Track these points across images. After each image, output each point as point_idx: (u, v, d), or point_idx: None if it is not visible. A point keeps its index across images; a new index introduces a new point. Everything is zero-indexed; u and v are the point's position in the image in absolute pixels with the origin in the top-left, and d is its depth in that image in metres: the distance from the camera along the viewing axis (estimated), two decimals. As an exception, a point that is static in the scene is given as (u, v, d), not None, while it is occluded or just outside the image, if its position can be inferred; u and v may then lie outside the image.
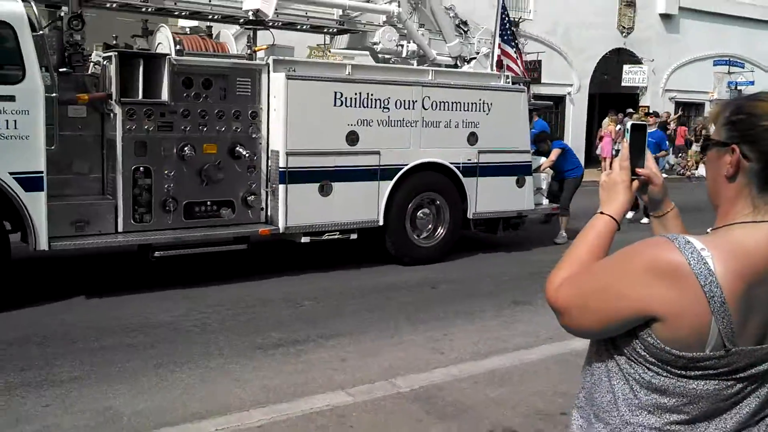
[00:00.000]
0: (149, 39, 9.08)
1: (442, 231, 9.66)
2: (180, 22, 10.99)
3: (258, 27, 9.12)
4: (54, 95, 7.15)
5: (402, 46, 10.20)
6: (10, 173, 6.89)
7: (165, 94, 7.77)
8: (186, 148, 7.86)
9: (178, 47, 8.20)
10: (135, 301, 7.48)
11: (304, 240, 8.54)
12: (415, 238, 9.49)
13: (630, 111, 16.12)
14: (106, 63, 7.81)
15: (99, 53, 8.18)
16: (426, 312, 7.43)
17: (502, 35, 11.17)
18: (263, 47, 8.95)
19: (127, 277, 8.38)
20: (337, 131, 8.62)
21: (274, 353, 6.11)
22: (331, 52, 10.00)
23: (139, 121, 7.66)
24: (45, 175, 7.10)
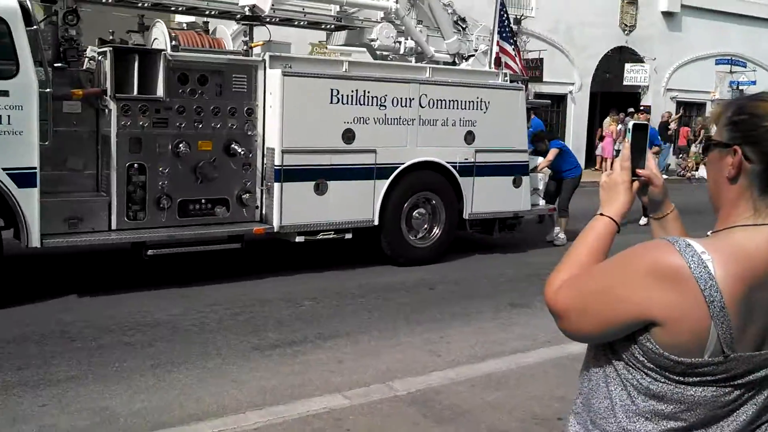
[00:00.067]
0: (145, 34, 9.03)
1: (437, 231, 9.58)
2: (177, 17, 10.94)
3: (254, 23, 9.07)
4: (48, 90, 7.12)
5: (399, 42, 10.11)
6: (2, 169, 6.86)
7: (160, 90, 7.72)
8: (181, 145, 7.81)
9: (174, 43, 8.15)
10: (132, 299, 7.44)
11: (299, 239, 8.47)
12: (411, 238, 9.41)
13: (631, 110, 15.98)
14: (101, 58, 7.77)
15: (94, 48, 8.13)
16: (423, 313, 7.40)
17: (501, 32, 11.13)
18: (259, 43, 8.89)
19: (124, 275, 8.33)
20: (333, 129, 8.54)
21: (272, 354, 6.09)
22: (327, 49, 9.92)
23: (133, 117, 7.61)
24: (38, 171, 7.06)
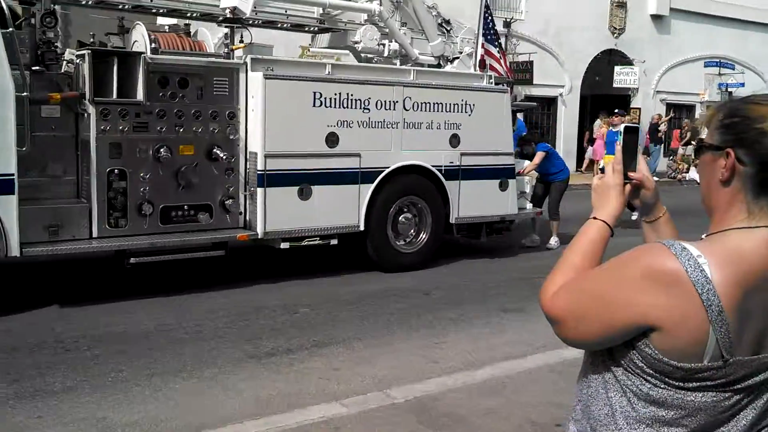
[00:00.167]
0: (125, 37, 8.90)
1: (424, 236, 9.47)
2: (159, 20, 10.81)
3: (235, 25, 8.94)
4: (25, 95, 6.96)
5: (383, 45, 10.04)
6: (-22, 176, 6.70)
7: (140, 94, 7.57)
8: (162, 150, 7.67)
9: (154, 45, 8.03)
10: (126, 308, 7.34)
11: (284, 246, 8.33)
12: (397, 243, 9.30)
13: (616, 111, 15.85)
14: (79, 61, 7.63)
15: (72, 51, 7.99)
16: (419, 319, 7.36)
17: (486, 35, 11.05)
18: (241, 46, 8.77)
19: (116, 283, 8.19)
20: (316, 133, 8.43)
21: (268, 362, 6.03)
22: (310, 51, 9.82)
23: (113, 121, 7.47)
24: (16, 177, 6.90)
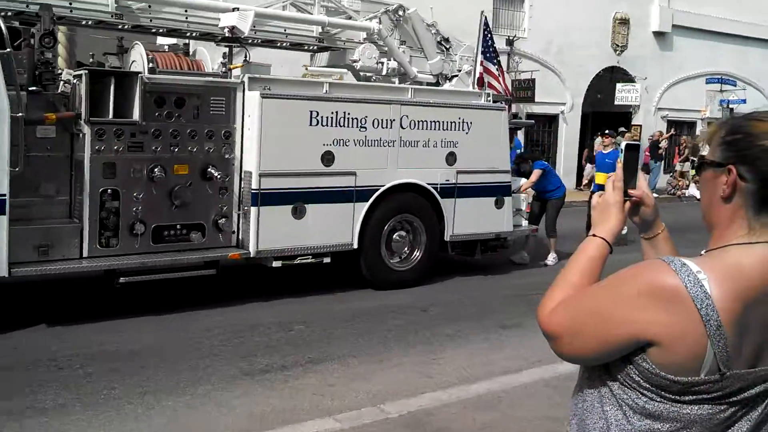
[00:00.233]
0: (124, 57, 8.94)
1: (418, 254, 9.43)
2: (159, 39, 10.87)
3: (234, 44, 8.98)
4: (20, 115, 6.99)
5: (382, 63, 10.04)
6: (-30, 196, 6.72)
7: (136, 114, 7.59)
8: (156, 170, 7.67)
9: (151, 65, 8.06)
10: (119, 326, 7.33)
11: (276, 264, 8.30)
12: (391, 261, 9.27)
13: (606, 132, 15.07)
14: (76, 81, 7.66)
15: (70, 71, 8.03)
16: (414, 335, 7.36)
17: (485, 52, 11.07)
18: (239, 65, 8.80)
19: (112, 302, 8.16)
20: (312, 151, 8.42)
21: (262, 379, 6.04)
22: (308, 70, 9.84)
23: (108, 141, 7.48)
24: (8, 198, 6.91)
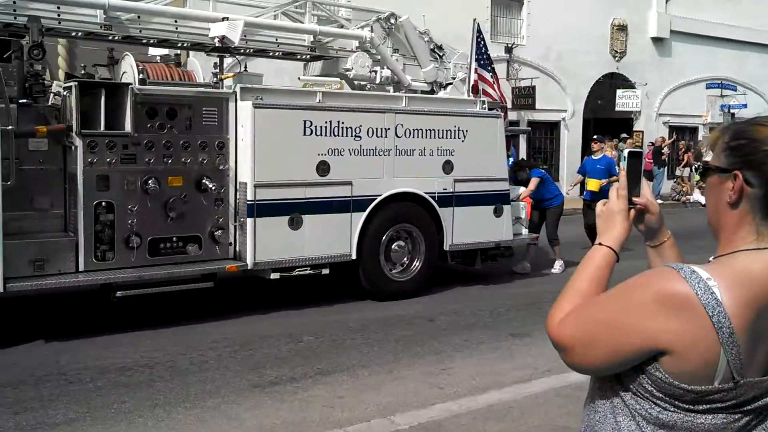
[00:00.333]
0: (114, 68, 8.83)
1: (417, 264, 9.34)
2: (151, 50, 10.78)
3: (225, 54, 8.88)
4: (10, 128, 6.87)
5: (375, 72, 9.96)
6: (-38, 212, 6.59)
7: (128, 125, 7.50)
8: (150, 182, 7.58)
9: (142, 76, 7.95)
10: (130, 339, 7.27)
11: (274, 276, 8.20)
12: (390, 271, 9.18)
13: (595, 137, 14.78)
14: (66, 94, 7.55)
15: (60, 83, 7.92)
16: (423, 345, 7.30)
17: (479, 60, 11.04)
18: (230, 75, 8.71)
19: (119, 314, 8.05)
20: (307, 161, 8.33)
21: (271, 391, 5.97)
22: (300, 79, 9.75)
23: (101, 153, 7.38)
24: (1, 212, 6.79)
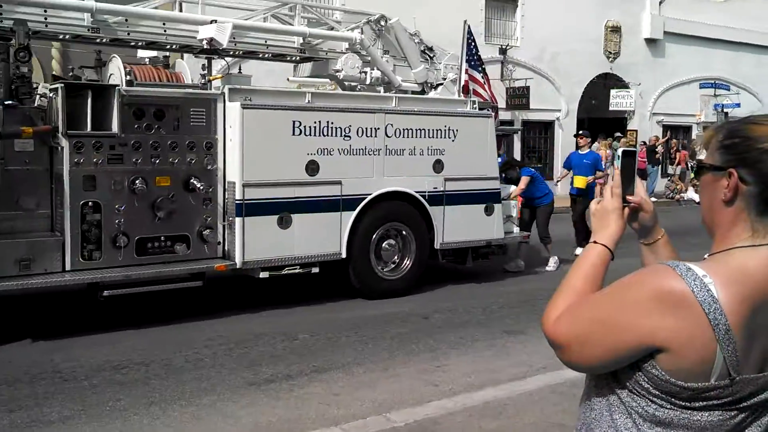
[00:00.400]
0: (102, 70, 8.81)
1: (408, 262, 9.31)
2: (139, 53, 10.75)
3: (213, 56, 8.85)
4: (-5, 129, 6.85)
5: (366, 73, 9.94)
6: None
7: (115, 126, 7.47)
8: (137, 182, 7.54)
9: (129, 78, 7.94)
10: (125, 337, 7.23)
11: (263, 275, 8.15)
12: (381, 270, 9.14)
13: (581, 132, 14.24)
14: (52, 95, 7.53)
15: (46, 85, 7.90)
16: (418, 343, 7.28)
17: (469, 60, 11.03)
18: (218, 76, 8.68)
19: (113, 313, 8.00)
20: (296, 161, 8.29)
21: (267, 389, 5.95)
22: (289, 80, 9.72)
23: (87, 154, 7.35)
24: (-15, 212, 6.77)
